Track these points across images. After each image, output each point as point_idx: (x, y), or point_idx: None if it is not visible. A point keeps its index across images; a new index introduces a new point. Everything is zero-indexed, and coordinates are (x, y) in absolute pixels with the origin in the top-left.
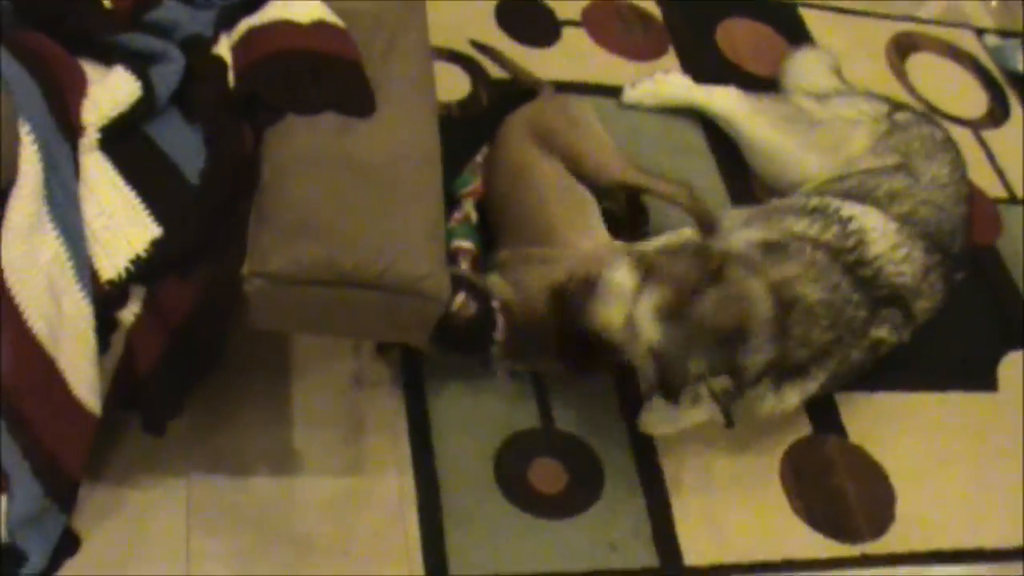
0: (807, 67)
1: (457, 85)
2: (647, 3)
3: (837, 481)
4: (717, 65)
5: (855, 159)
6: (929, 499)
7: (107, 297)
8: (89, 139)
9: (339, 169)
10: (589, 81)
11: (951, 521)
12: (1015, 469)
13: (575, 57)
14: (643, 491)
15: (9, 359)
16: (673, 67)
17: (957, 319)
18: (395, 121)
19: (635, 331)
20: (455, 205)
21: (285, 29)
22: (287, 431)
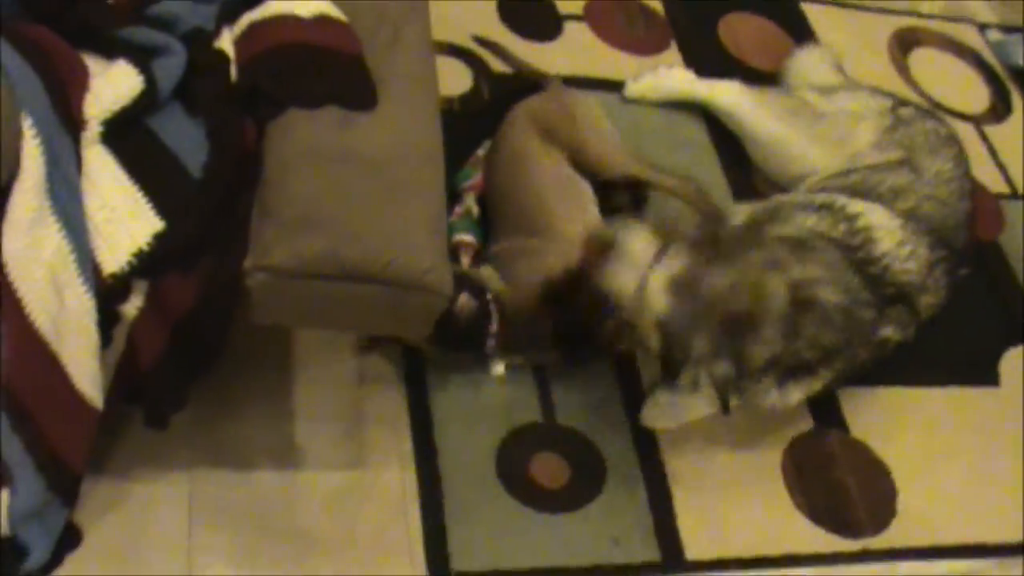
0: (810, 64)
1: (459, 80)
2: None
3: (838, 476)
4: (719, 60)
5: (859, 153)
6: (931, 494)
7: (109, 291)
8: (91, 133)
9: (341, 163)
10: (591, 76)
11: (953, 516)
12: (1017, 464)
13: (577, 52)
14: (645, 485)
15: (11, 353)
16: (675, 62)
17: (959, 314)
18: (397, 115)
19: (645, 300)
20: (456, 199)
21: (287, 23)
22: (289, 425)
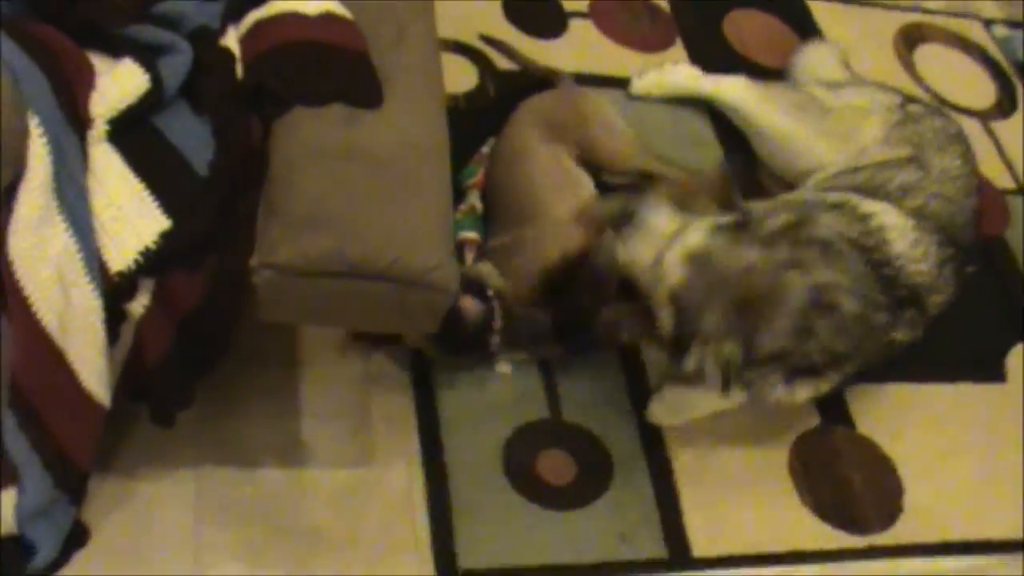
0: (817, 60)
1: (464, 77)
2: None
3: (845, 472)
4: (724, 56)
5: (867, 149)
6: (937, 490)
7: (116, 289)
8: (98, 131)
9: (347, 161)
10: (596, 73)
11: (959, 512)
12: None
13: (582, 49)
14: (651, 482)
15: (18, 352)
16: (680, 59)
17: (965, 310)
18: (403, 113)
19: (661, 271)
20: (460, 196)
21: (293, 21)
22: (295, 423)
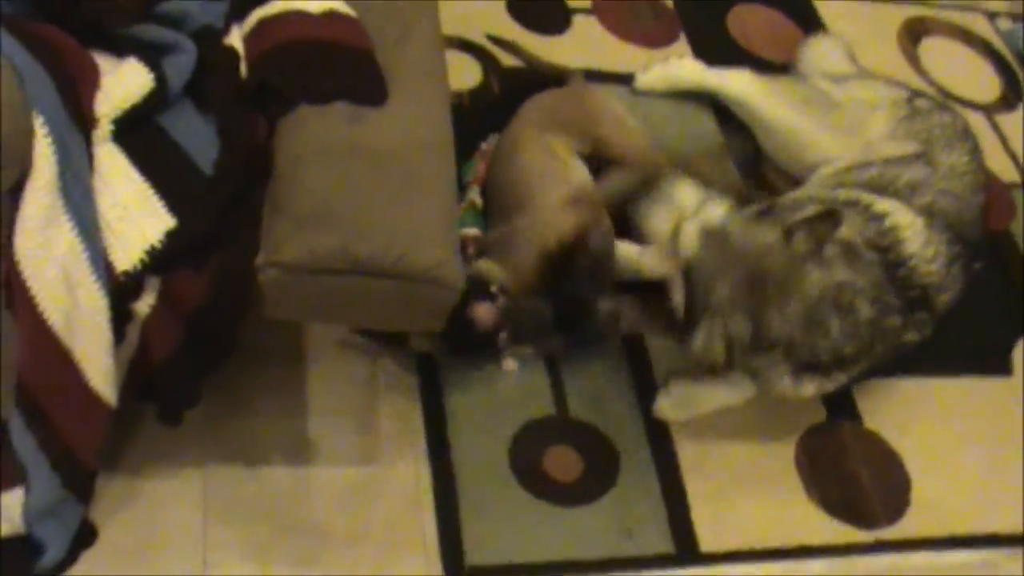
0: (822, 53)
1: (469, 74)
2: None
3: (852, 467)
4: (728, 52)
5: (873, 143)
6: (944, 484)
7: (122, 288)
8: (102, 131)
9: (352, 158)
10: (600, 69)
11: (966, 506)
12: None
13: (586, 45)
14: (658, 477)
15: (25, 351)
16: (684, 54)
17: (971, 304)
18: (407, 110)
19: (678, 241)
20: (461, 193)
21: (297, 19)
22: (302, 421)
